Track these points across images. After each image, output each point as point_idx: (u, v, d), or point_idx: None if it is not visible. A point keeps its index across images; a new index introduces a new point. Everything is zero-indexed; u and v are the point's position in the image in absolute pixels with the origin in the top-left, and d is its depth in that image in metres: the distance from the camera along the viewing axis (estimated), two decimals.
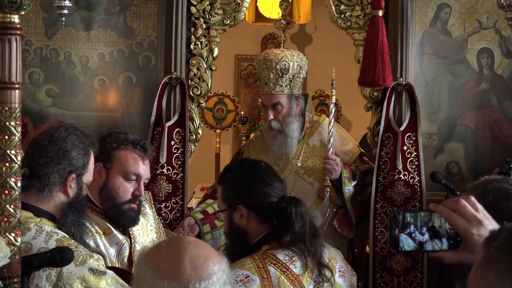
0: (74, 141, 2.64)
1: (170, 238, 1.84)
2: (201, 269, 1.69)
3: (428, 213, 1.69)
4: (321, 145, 4.30)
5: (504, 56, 4.37)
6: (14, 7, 2.07)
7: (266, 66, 4.22)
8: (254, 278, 2.55)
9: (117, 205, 3.05)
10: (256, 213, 2.74)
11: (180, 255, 1.71)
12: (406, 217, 1.67)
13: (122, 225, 3.08)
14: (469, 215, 1.66)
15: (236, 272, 2.55)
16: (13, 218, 2.15)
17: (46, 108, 4.30)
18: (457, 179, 4.34)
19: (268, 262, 2.62)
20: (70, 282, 2.40)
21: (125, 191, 3.07)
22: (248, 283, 2.53)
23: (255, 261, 2.61)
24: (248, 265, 2.59)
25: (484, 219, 1.68)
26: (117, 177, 3.06)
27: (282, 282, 2.59)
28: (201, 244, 1.78)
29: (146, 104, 4.32)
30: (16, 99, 2.12)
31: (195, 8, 4.30)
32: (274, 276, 2.58)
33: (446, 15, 4.34)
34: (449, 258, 1.69)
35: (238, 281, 2.52)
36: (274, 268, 2.60)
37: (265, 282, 2.55)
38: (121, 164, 3.07)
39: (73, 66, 4.31)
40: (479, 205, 1.69)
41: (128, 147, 3.10)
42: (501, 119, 4.37)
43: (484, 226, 1.66)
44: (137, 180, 3.10)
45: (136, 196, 3.09)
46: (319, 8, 6.74)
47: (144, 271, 1.71)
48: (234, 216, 2.78)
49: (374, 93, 4.31)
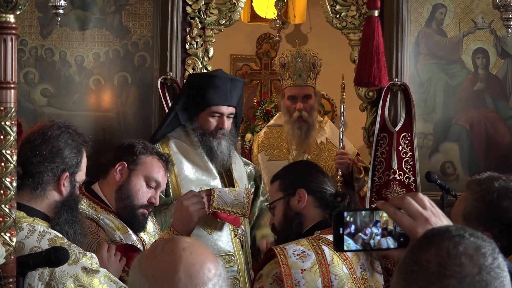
0: (67, 140, 2.65)
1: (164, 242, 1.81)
2: (196, 277, 1.68)
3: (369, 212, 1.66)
4: (328, 142, 4.56)
5: (499, 56, 4.37)
6: (10, 6, 2.07)
7: (301, 58, 4.49)
8: (310, 254, 2.63)
9: (133, 206, 3.12)
10: (314, 198, 2.84)
11: (175, 263, 1.69)
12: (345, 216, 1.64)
13: (131, 228, 3.13)
14: (415, 213, 1.63)
15: (293, 247, 2.64)
16: (8, 218, 2.15)
17: (41, 108, 4.29)
18: (452, 179, 4.35)
19: (322, 242, 2.69)
20: (62, 281, 2.40)
21: (143, 195, 3.14)
22: (305, 257, 2.61)
23: (310, 241, 2.70)
24: (304, 243, 2.68)
25: (432, 217, 1.63)
26: (139, 180, 3.13)
27: (335, 260, 2.66)
28: (196, 250, 1.76)
29: (141, 104, 4.32)
30: (11, 99, 2.12)
31: (191, 8, 4.30)
32: (328, 254, 2.65)
33: (441, 15, 4.35)
34: (397, 257, 1.66)
35: (295, 254, 2.61)
36: (328, 247, 2.67)
37: (320, 258, 2.62)
38: (146, 168, 3.15)
39: (68, 66, 4.31)
40: (427, 202, 1.66)
41: (154, 156, 3.20)
42: (496, 119, 4.38)
43: (431, 223, 1.63)
44: (156, 188, 3.18)
45: (152, 203, 3.17)
46: (315, 8, 6.74)
47: (139, 280, 1.70)
48: (292, 201, 2.86)
49: (370, 93, 4.32)
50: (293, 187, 2.89)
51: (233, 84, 3.70)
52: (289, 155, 4.54)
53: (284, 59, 4.56)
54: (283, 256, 2.60)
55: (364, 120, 4.42)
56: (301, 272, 2.58)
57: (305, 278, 2.58)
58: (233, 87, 3.69)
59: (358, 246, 1.63)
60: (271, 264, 2.65)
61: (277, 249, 2.65)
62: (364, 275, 2.76)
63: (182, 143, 3.72)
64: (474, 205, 2.44)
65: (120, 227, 3.09)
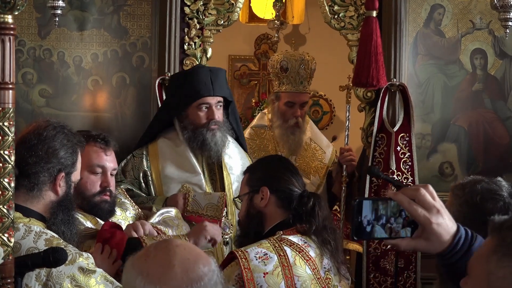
0: (62, 140, 2.65)
1: (156, 243, 1.82)
2: (192, 272, 1.69)
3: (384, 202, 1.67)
4: (311, 141, 4.58)
5: (497, 57, 4.38)
6: (8, 7, 2.07)
7: (304, 65, 4.48)
8: (272, 256, 2.63)
9: (88, 198, 3.14)
10: (277, 198, 2.84)
11: (170, 259, 1.70)
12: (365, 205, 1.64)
13: (99, 217, 3.15)
14: (429, 204, 1.66)
15: (254, 249, 2.64)
16: (7, 218, 2.15)
17: (39, 109, 4.29)
18: (450, 180, 4.35)
19: (284, 243, 2.69)
20: (59, 281, 2.40)
21: (92, 184, 3.16)
22: (267, 260, 2.61)
23: (271, 242, 2.70)
24: (265, 245, 2.68)
25: (441, 208, 1.68)
26: (83, 173, 3.10)
27: (298, 261, 2.66)
28: (189, 247, 1.78)
29: (139, 105, 4.32)
30: (9, 99, 2.12)
31: (189, 9, 4.30)
32: (290, 255, 2.65)
33: (439, 16, 4.35)
34: (405, 246, 1.69)
35: (257, 257, 2.61)
36: (290, 248, 2.68)
37: (283, 259, 2.63)
38: (84, 159, 3.10)
39: (67, 66, 4.30)
40: (435, 194, 1.70)
41: (89, 143, 3.16)
42: (494, 119, 4.38)
43: (441, 214, 1.67)
44: (103, 172, 3.19)
45: (105, 187, 3.17)
46: (313, 8, 6.74)
47: (134, 278, 1.70)
48: (255, 198, 2.88)
49: (368, 94, 4.32)
50: (258, 184, 2.90)
51: (213, 73, 3.72)
52: None
53: (286, 63, 4.49)
54: (244, 259, 2.60)
55: (362, 121, 4.42)
56: (264, 275, 2.58)
57: (267, 282, 2.58)
58: (214, 76, 3.71)
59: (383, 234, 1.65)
60: (232, 266, 2.64)
61: (238, 253, 2.64)
62: (328, 275, 2.74)
63: (167, 141, 3.77)
64: (459, 210, 2.45)
65: (90, 218, 3.11)
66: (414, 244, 1.70)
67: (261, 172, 2.96)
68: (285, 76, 4.51)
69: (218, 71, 3.82)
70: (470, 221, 2.38)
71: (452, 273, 1.73)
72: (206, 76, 3.68)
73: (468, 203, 2.44)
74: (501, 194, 2.43)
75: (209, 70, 3.75)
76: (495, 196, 2.44)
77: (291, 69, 4.50)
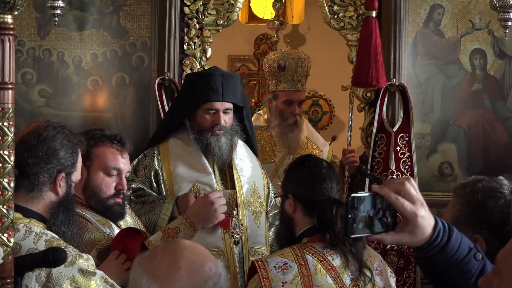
0: (62, 140, 2.64)
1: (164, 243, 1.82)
2: (198, 275, 1.69)
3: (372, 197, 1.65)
4: (308, 140, 4.59)
5: (496, 57, 4.38)
6: (7, 7, 2.06)
7: (300, 64, 4.49)
8: (292, 265, 2.64)
9: (102, 200, 3.12)
10: (302, 205, 2.83)
11: (176, 261, 1.70)
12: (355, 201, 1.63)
13: (111, 219, 3.15)
14: (414, 197, 1.66)
15: (275, 259, 2.66)
16: (6, 218, 2.14)
17: (38, 108, 4.29)
18: (450, 180, 4.35)
19: (307, 252, 2.70)
20: (59, 283, 2.40)
21: (107, 186, 3.13)
22: (287, 269, 2.63)
23: (294, 250, 2.71)
24: (287, 253, 2.69)
25: (423, 201, 1.68)
26: (98, 174, 3.11)
27: (319, 270, 2.66)
28: (196, 249, 1.77)
29: (139, 105, 4.32)
30: (9, 99, 2.12)
31: (188, 9, 4.30)
32: (312, 264, 2.66)
33: (439, 16, 4.35)
34: (390, 241, 1.68)
35: (277, 267, 2.62)
36: (312, 256, 2.68)
37: (303, 269, 2.63)
38: (100, 160, 3.12)
39: (66, 66, 4.30)
40: (416, 186, 1.70)
41: (105, 143, 3.15)
42: (493, 119, 4.39)
43: (424, 207, 1.67)
44: (118, 175, 3.17)
45: (119, 190, 3.16)
46: (312, 8, 6.74)
47: (140, 277, 1.70)
48: (286, 203, 2.88)
49: (367, 94, 4.32)
50: (286, 190, 2.90)
51: (225, 78, 3.66)
52: (274, 157, 4.52)
53: (284, 61, 4.48)
54: (263, 269, 2.62)
55: (362, 121, 4.42)
56: (282, 285, 2.59)
57: None
58: (226, 81, 3.66)
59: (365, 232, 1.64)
60: (255, 279, 2.66)
61: (258, 263, 2.65)
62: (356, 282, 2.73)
63: (178, 141, 3.74)
64: (461, 209, 2.45)
65: (103, 222, 3.11)
66: (399, 238, 1.68)
67: (289, 177, 2.95)
68: (283, 75, 4.50)
69: (231, 76, 3.77)
70: (472, 220, 2.39)
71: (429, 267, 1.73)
72: (217, 80, 3.64)
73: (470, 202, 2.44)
74: (502, 192, 2.43)
75: (221, 75, 3.68)
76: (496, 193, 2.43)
77: (289, 68, 4.50)
